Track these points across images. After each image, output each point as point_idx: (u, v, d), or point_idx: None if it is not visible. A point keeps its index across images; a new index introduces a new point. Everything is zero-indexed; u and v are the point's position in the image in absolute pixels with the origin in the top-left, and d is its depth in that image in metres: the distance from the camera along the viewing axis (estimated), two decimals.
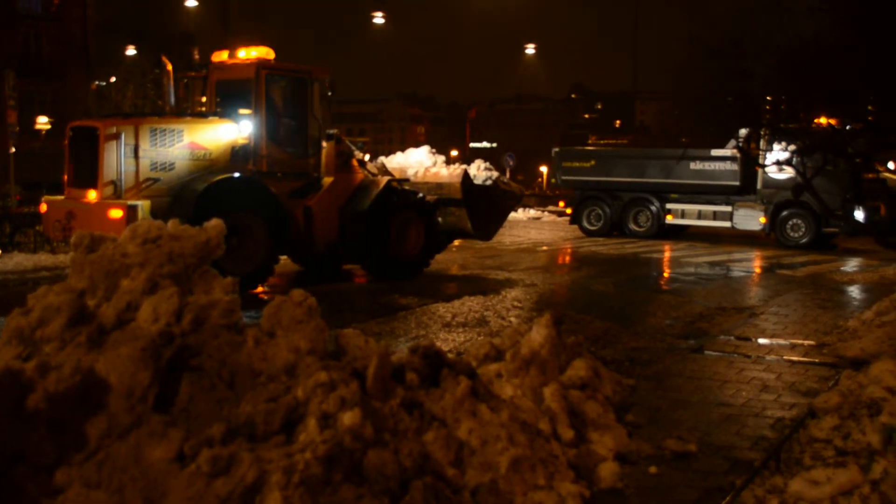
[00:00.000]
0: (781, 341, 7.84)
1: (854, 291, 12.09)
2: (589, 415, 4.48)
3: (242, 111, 11.09)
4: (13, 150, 17.47)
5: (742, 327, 8.62)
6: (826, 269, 14.72)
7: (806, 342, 7.76)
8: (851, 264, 15.88)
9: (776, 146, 15.16)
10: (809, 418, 5.06)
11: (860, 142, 11.09)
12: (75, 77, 37.73)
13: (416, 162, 13.80)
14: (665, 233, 20.98)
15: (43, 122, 30.88)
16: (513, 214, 19.84)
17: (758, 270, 14.84)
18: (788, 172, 16.36)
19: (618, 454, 4.31)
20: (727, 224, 20.15)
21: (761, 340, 7.93)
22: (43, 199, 11.50)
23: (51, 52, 38.26)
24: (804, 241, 18.71)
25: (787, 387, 6.06)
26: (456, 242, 15.37)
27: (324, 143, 11.77)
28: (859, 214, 17.97)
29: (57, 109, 33.88)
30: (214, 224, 3.96)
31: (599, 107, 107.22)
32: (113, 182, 10.01)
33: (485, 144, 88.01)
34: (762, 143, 16.97)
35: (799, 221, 18.89)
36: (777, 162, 12.52)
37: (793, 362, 6.91)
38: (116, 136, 10.00)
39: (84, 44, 39.47)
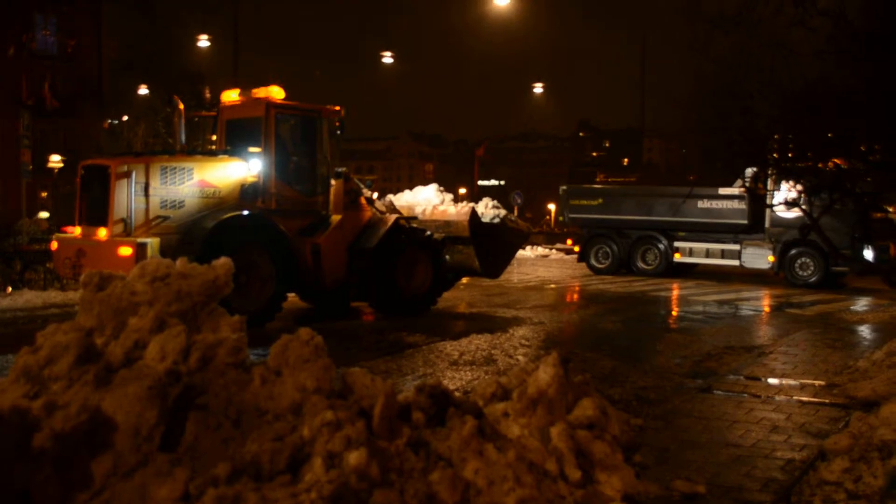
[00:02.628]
0: (791, 381, 7.78)
1: (864, 331, 12.01)
2: (596, 455, 4.44)
3: (252, 149, 11.21)
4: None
5: (751, 367, 8.56)
6: (835, 308, 14.65)
7: (816, 382, 7.70)
8: (861, 304, 15.80)
9: (784, 185, 15.19)
10: (820, 460, 5.01)
11: (868, 182, 11.10)
12: (88, 116, 38.23)
13: (424, 200, 13.88)
14: (673, 271, 20.96)
15: (56, 160, 31.25)
16: (520, 252, 19.90)
17: (766, 309, 14.77)
18: (797, 211, 16.35)
19: (626, 495, 4.26)
20: (735, 262, 20.12)
21: (770, 380, 7.87)
22: (54, 236, 11.60)
23: (65, 91, 38.85)
24: (813, 280, 18.64)
25: (797, 428, 6.00)
26: (464, 280, 15.39)
27: (332, 181, 11.86)
28: (868, 254, 17.92)
29: (70, 148, 34.28)
30: (223, 262, 3.99)
31: (607, 144, 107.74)
32: (123, 220, 10.09)
33: (493, 182, 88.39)
34: (769, 183, 17.00)
35: (808, 260, 18.84)
36: (785, 202, 12.54)
37: (802, 403, 6.85)
38: (127, 175, 10.11)
39: (98, 83, 40.07)
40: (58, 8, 38.32)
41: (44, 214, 17.95)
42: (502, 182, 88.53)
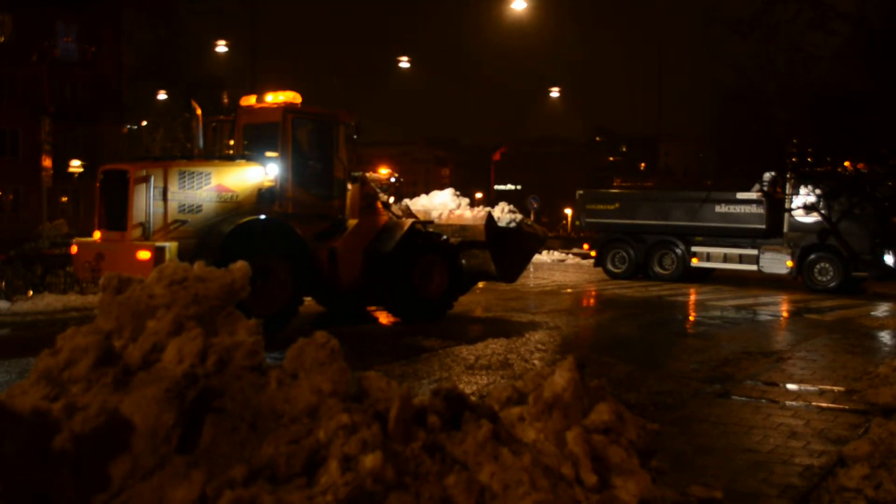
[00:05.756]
0: (809, 387, 7.72)
1: (884, 337, 11.89)
2: (612, 460, 4.42)
3: (269, 154, 11.27)
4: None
5: (769, 372, 8.50)
6: (855, 313, 14.51)
7: (835, 388, 7.63)
8: (881, 309, 15.64)
9: (802, 190, 15.09)
10: (839, 467, 4.96)
11: (887, 186, 11.00)
12: (108, 121, 38.61)
13: (441, 204, 13.90)
14: (690, 276, 20.83)
15: (76, 165, 31.53)
16: (537, 257, 19.85)
17: (785, 314, 14.66)
18: (816, 216, 16.23)
19: (642, 500, 4.24)
20: (753, 267, 19.97)
21: (789, 386, 7.81)
22: (74, 240, 11.70)
23: (85, 97, 39.27)
24: (832, 285, 18.47)
25: (816, 434, 5.95)
26: (480, 284, 15.37)
27: (349, 186, 11.90)
28: (889, 259, 17.75)
29: (90, 153, 34.62)
30: (240, 266, 4.01)
31: (624, 149, 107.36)
32: (142, 224, 10.17)
33: (509, 186, 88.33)
34: (787, 187, 16.90)
35: (827, 265, 18.67)
36: (804, 206, 12.44)
37: (821, 408, 6.79)
38: (146, 179, 10.19)
39: (117, 89, 40.48)
40: (79, 15, 38.78)
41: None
42: (519, 186, 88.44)
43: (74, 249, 11.22)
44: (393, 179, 17.61)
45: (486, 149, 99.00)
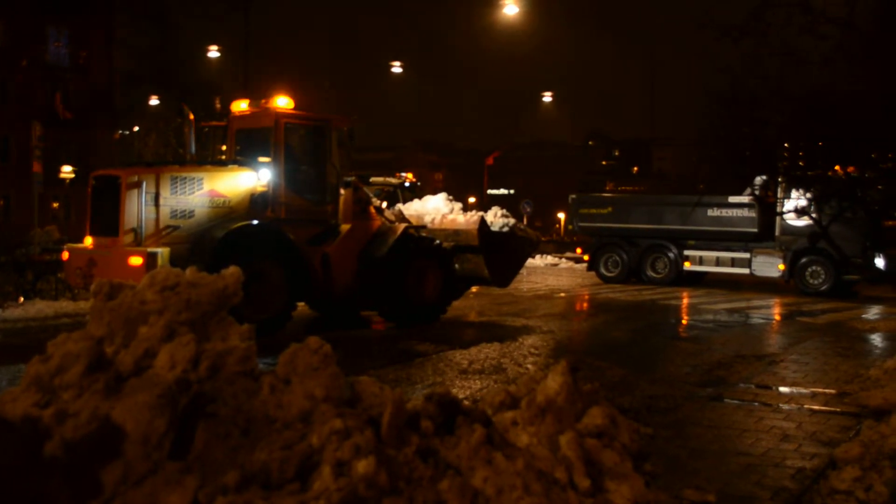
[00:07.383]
0: (802, 390, 7.75)
1: (875, 339, 11.94)
2: (606, 464, 4.42)
3: (262, 159, 11.26)
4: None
5: (762, 375, 8.53)
6: (847, 316, 14.57)
7: (827, 391, 7.66)
8: (873, 312, 15.71)
9: (793, 193, 15.13)
10: (830, 469, 4.98)
11: (877, 189, 11.06)
12: (100, 126, 38.54)
13: (434, 209, 13.90)
14: (683, 279, 20.89)
15: (67, 170, 31.45)
16: (530, 261, 19.89)
17: (777, 318, 14.71)
18: (807, 219, 16.26)
19: None
20: (746, 271, 20.05)
21: (781, 389, 7.84)
22: (65, 246, 11.66)
23: (77, 102, 39.18)
24: (824, 288, 18.55)
25: (808, 436, 5.97)
26: (473, 289, 15.38)
27: (342, 191, 11.89)
28: (880, 262, 17.83)
29: (82, 158, 34.52)
30: (232, 272, 4.00)
31: (617, 153, 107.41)
32: (134, 229, 10.14)
33: (502, 191, 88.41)
34: (779, 191, 16.96)
35: (818, 268, 18.75)
36: (795, 210, 12.50)
37: (813, 411, 6.82)
38: (138, 185, 10.16)
39: (109, 94, 40.40)
40: (70, 20, 38.69)
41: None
42: (512, 191, 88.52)
43: (66, 255, 11.17)
44: (407, 184, 17.68)
45: (479, 153, 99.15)
